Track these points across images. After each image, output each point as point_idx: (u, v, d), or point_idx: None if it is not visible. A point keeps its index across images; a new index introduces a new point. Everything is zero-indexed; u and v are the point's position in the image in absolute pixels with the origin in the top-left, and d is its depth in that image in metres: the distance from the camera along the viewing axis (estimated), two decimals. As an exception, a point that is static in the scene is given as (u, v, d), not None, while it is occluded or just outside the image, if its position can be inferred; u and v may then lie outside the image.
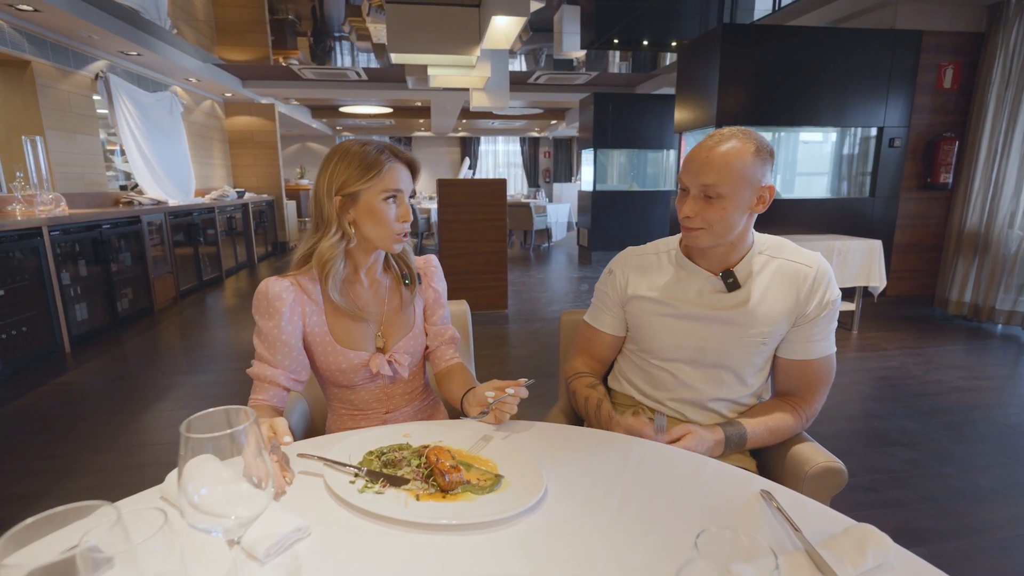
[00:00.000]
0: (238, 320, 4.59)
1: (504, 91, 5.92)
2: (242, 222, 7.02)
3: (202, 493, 0.51)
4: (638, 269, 1.25)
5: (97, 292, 3.99)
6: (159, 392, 2.98)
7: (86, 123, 4.84)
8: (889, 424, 2.59)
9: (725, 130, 1.09)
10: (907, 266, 4.71)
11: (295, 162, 14.51)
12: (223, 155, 7.96)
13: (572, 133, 14.81)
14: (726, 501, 0.77)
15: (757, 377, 1.20)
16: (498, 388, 1.00)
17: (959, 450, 2.35)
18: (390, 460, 0.83)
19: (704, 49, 4.38)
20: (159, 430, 2.53)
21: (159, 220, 4.92)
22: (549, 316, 4.56)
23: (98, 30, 4.42)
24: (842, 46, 4.18)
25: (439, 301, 1.28)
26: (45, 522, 0.40)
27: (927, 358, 3.48)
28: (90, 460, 2.24)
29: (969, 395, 2.92)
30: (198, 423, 0.52)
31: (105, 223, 4.09)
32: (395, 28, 4.42)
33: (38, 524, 0.39)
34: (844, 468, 1.07)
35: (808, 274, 1.13)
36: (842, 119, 4.34)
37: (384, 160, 1.07)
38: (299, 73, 7.34)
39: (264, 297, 1.04)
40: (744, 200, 1.07)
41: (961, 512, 1.92)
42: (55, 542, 0.40)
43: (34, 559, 0.37)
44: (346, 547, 0.67)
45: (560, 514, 0.73)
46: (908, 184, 4.55)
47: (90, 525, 0.41)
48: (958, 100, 4.44)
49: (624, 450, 0.92)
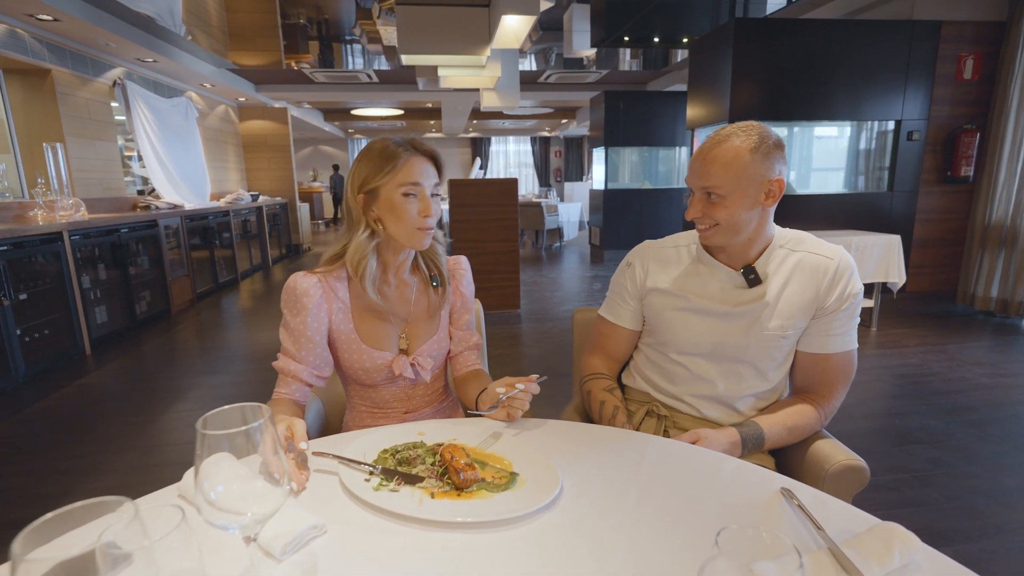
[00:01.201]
0: (254, 322, 4.64)
1: (515, 91, 5.92)
2: (256, 225, 7.10)
3: (219, 490, 0.51)
4: (658, 262, 1.24)
5: (116, 295, 4.06)
6: (177, 393, 3.02)
7: (104, 129, 4.93)
8: (911, 422, 2.54)
9: (727, 128, 1.08)
10: (927, 262, 4.61)
11: (308, 165, 14.65)
12: (237, 159, 8.05)
13: (583, 132, 14.76)
14: (746, 500, 0.76)
15: (778, 372, 1.18)
16: (509, 384, 0.99)
17: (984, 449, 2.30)
18: (405, 458, 0.83)
19: (716, 44, 4.34)
20: (178, 430, 2.56)
21: (175, 224, 4.99)
22: (561, 315, 4.54)
23: (115, 38, 4.50)
24: (858, 39, 4.11)
25: (466, 305, 1.25)
26: (67, 517, 0.40)
27: (949, 355, 3.41)
28: (111, 460, 2.28)
29: (994, 392, 2.85)
30: (214, 420, 0.52)
31: (123, 227, 4.16)
32: (406, 29, 4.43)
33: (60, 519, 0.40)
34: (866, 466, 1.05)
35: (829, 266, 1.11)
36: (859, 113, 4.27)
37: (401, 153, 1.05)
38: (311, 77, 7.41)
39: (292, 292, 1.05)
40: (749, 197, 1.06)
41: (987, 512, 1.87)
42: (77, 537, 0.40)
43: (57, 553, 0.37)
44: (362, 545, 0.67)
45: (576, 512, 0.73)
46: (927, 178, 4.46)
47: (111, 521, 0.41)
48: (979, 91, 4.34)
49: (640, 448, 0.91)
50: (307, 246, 9.20)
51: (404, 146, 1.06)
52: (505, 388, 0.99)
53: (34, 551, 0.36)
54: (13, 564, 0.35)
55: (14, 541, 0.36)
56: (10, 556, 0.36)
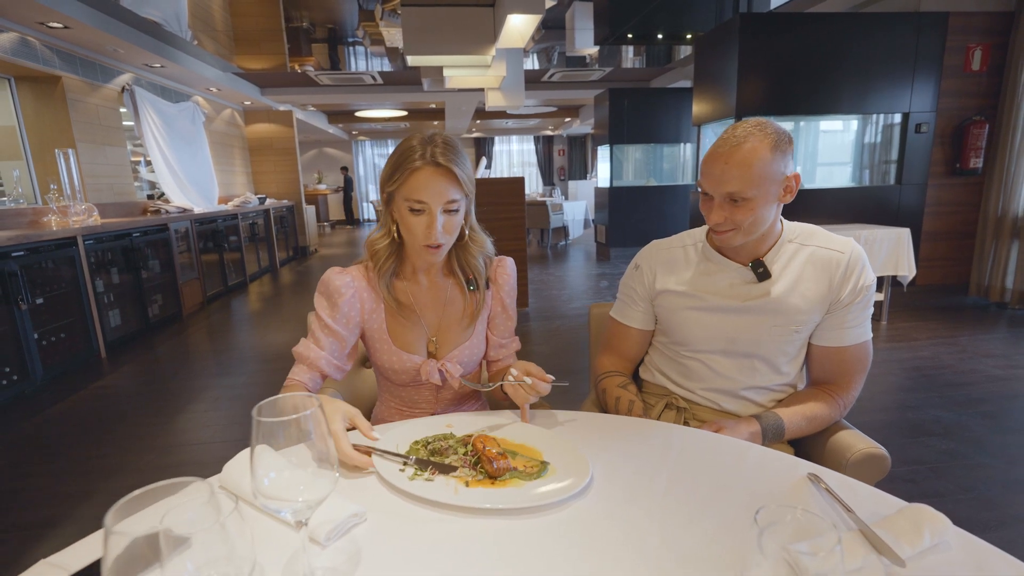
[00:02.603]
0: (263, 324, 4.67)
1: (519, 90, 5.93)
2: (264, 228, 7.15)
3: (271, 476, 0.53)
4: (665, 263, 1.24)
5: (129, 299, 4.10)
6: (192, 394, 3.06)
7: (114, 135, 4.98)
8: (924, 415, 2.54)
9: (739, 129, 1.06)
10: (938, 254, 4.60)
11: (312, 167, 14.71)
12: (244, 162, 8.11)
13: (586, 130, 14.75)
14: (773, 485, 0.77)
15: (791, 365, 1.19)
16: (528, 373, 0.98)
17: (997, 440, 2.30)
18: (437, 449, 0.84)
19: (722, 40, 4.34)
20: (195, 430, 2.59)
21: (185, 227, 5.04)
22: (570, 313, 4.55)
23: (124, 44, 4.54)
24: (865, 31, 4.11)
25: (507, 312, 1.19)
26: (151, 494, 0.42)
27: (960, 347, 3.40)
28: (131, 460, 2.31)
29: (1006, 384, 2.85)
30: (268, 409, 0.54)
31: (135, 231, 4.20)
32: (411, 30, 4.45)
33: (143, 496, 0.42)
34: (887, 454, 1.06)
35: (841, 260, 1.11)
36: (866, 106, 4.26)
37: (412, 162, 0.97)
38: (316, 79, 7.45)
39: (326, 287, 1.05)
40: (771, 196, 1.06)
41: (1003, 503, 1.88)
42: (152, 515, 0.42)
43: (136, 528, 0.39)
44: (400, 531, 0.68)
45: (607, 499, 0.74)
46: (936, 170, 4.45)
47: (181, 501, 0.43)
48: (988, 82, 4.33)
49: (665, 437, 0.92)
50: (314, 248, 9.25)
51: (423, 151, 0.97)
52: (518, 372, 0.97)
53: (120, 523, 0.39)
54: (105, 534, 0.38)
55: (107, 513, 0.39)
56: (103, 525, 0.38)
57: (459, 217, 1.04)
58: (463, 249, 1.12)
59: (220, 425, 2.64)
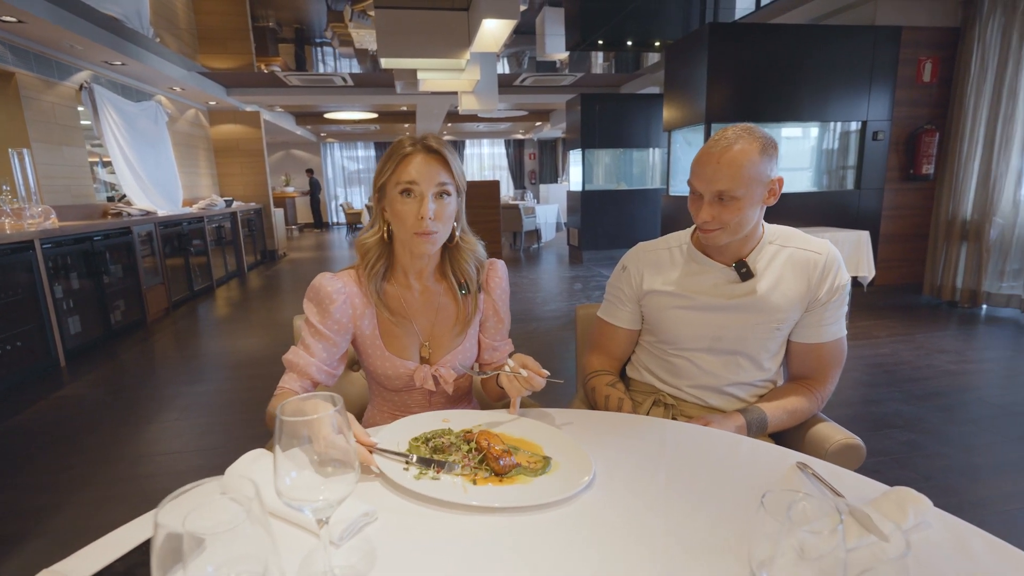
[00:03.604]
0: (233, 330, 4.55)
1: (493, 93, 5.96)
2: (231, 231, 6.97)
3: (292, 476, 0.53)
4: (652, 265, 1.28)
5: (90, 305, 3.94)
6: (161, 403, 2.96)
7: (71, 134, 4.78)
8: (886, 409, 2.66)
9: (729, 132, 1.11)
10: (894, 256, 4.83)
11: (280, 170, 14.41)
12: (209, 164, 7.88)
13: (557, 134, 14.90)
14: (766, 473, 0.81)
15: (773, 361, 1.24)
16: (524, 366, 0.98)
17: (954, 431, 2.43)
18: (438, 446, 0.85)
19: (691, 48, 4.46)
20: (166, 440, 2.51)
21: (149, 231, 4.87)
22: (545, 316, 4.59)
23: (82, 40, 4.37)
24: (825, 43, 4.29)
25: (499, 315, 1.19)
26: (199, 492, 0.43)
27: (917, 344, 3.58)
28: (100, 472, 2.22)
29: (960, 378, 3.01)
30: (290, 408, 0.54)
31: (96, 235, 4.04)
32: (385, 33, 4.43)
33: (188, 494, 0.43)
34: (863, 444, 1.12)
35: (818, 261, 1.17)
36: (827, 114, 4.45)
37: (405, 149, 1.00)
38: (284, 80, 7.31)
39: (316, 292, 1.04)
40: (757, 197, 1.11)
41: (961, 489, 1.99)
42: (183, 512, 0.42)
43: (172, 522, 0.40)
44: (413, 529, 0.69)
45: (610, 492, 0.77)
46: (892, 176, 4.68)
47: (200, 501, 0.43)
48: (938, 93, 4.58)
49: (659, 432, 0.95)
50: (283, 252, 9.06)
51: (413, 141, 1.01)
52: (515, 364, 0.98)
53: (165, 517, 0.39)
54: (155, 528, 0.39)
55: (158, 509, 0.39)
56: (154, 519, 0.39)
57: (451, 207, 1.04)
58: (454, 252, 1.12)
59: (193, 434, 2.57)
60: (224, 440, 2.50)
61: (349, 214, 12.19)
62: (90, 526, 1.86)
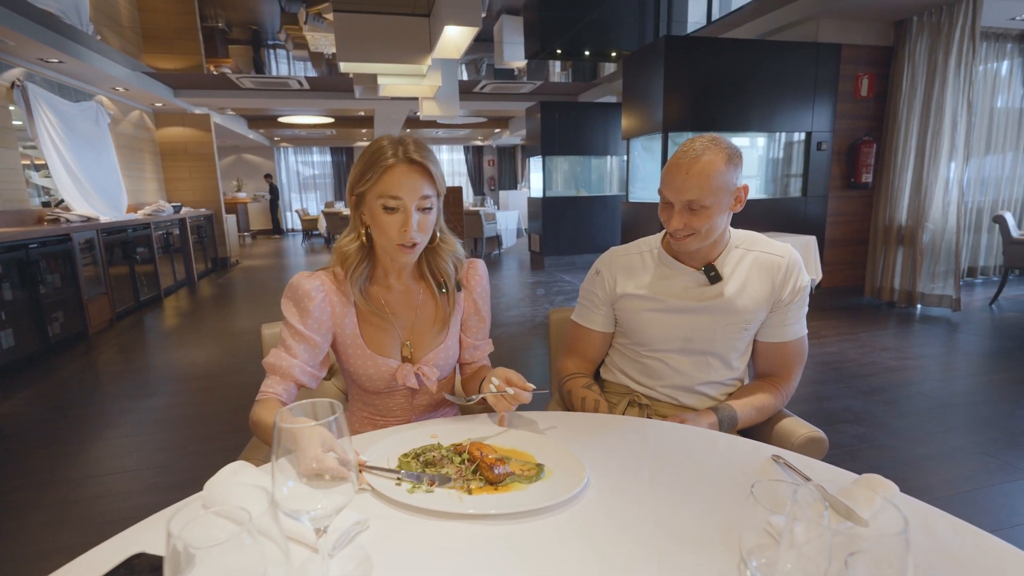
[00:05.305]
0: (184, 341, 4.35)
1: (454, 100, 5.96)
2: (180, 238, 6.67)
3: (289, 485, 0.52)
4: (624, 269, 1.31)
5: (25, 317, 3.69)
6: (108, 419, 2.79)
7: (2, 136, 4.47)
8: (836, 404, 2.81)
9: (697, 143, 1.15)
10: (838, 259, 5.11)
11: (231, 174, 13.91)
12: (155, 168, 7.53)
13: (516, 141, 15.01)
14: (744, 466, 0.84)
15: (741, 360, 1.29)
16: (508, 381, 0.99)
17: (898, 423, 2.59)
18: (429, 460, 0.84)
19: (648, 59, 4.60)
20: (117, 458, 2.37)
21: (90, 238, 4.60)
22: (509, 322, 4.61)
23: (13, 35, 4.11)
24: (772, 57, 4.51)
25: (480, 314, 1.19)
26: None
27: (861, 343, 3.79)
28: (39, 495, 2.07)
29: (901, 373, 3.21)
30: (289, 416, 0.53)
31: (32, 242, 3.79)
32: (344, 37, 4.37)
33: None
34: (825, 437, 1.18)
35: (781, 264, 1.23)
36: (774, 124, 4.68)
37: (387, 160, 0.97)
38: (237, 82, 7.08)
39: (294, 291, 1.02)
40: (725, 205, 1.16)
41: (907, 478, 2.12)
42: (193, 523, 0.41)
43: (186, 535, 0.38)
44: (407, 537, 0.68)
45: (599, 493, 0.78)
46: (835, 184, 4.95)
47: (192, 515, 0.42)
48: (875, 107, 4.89)
49: (640, 431, 0.98)
50: (235, 259, 8.73)
51: (395, 150, 0.98)
52: (499, 383, 0.98)
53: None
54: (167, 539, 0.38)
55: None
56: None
57: (432, 216, 1.04)
58: (433, 252, 1.12)
59: (146, 451, 2.43)
60: (179, 457, 2.38)
61: (305, 220, 11.88)
62: (45, 550, 1.74)
